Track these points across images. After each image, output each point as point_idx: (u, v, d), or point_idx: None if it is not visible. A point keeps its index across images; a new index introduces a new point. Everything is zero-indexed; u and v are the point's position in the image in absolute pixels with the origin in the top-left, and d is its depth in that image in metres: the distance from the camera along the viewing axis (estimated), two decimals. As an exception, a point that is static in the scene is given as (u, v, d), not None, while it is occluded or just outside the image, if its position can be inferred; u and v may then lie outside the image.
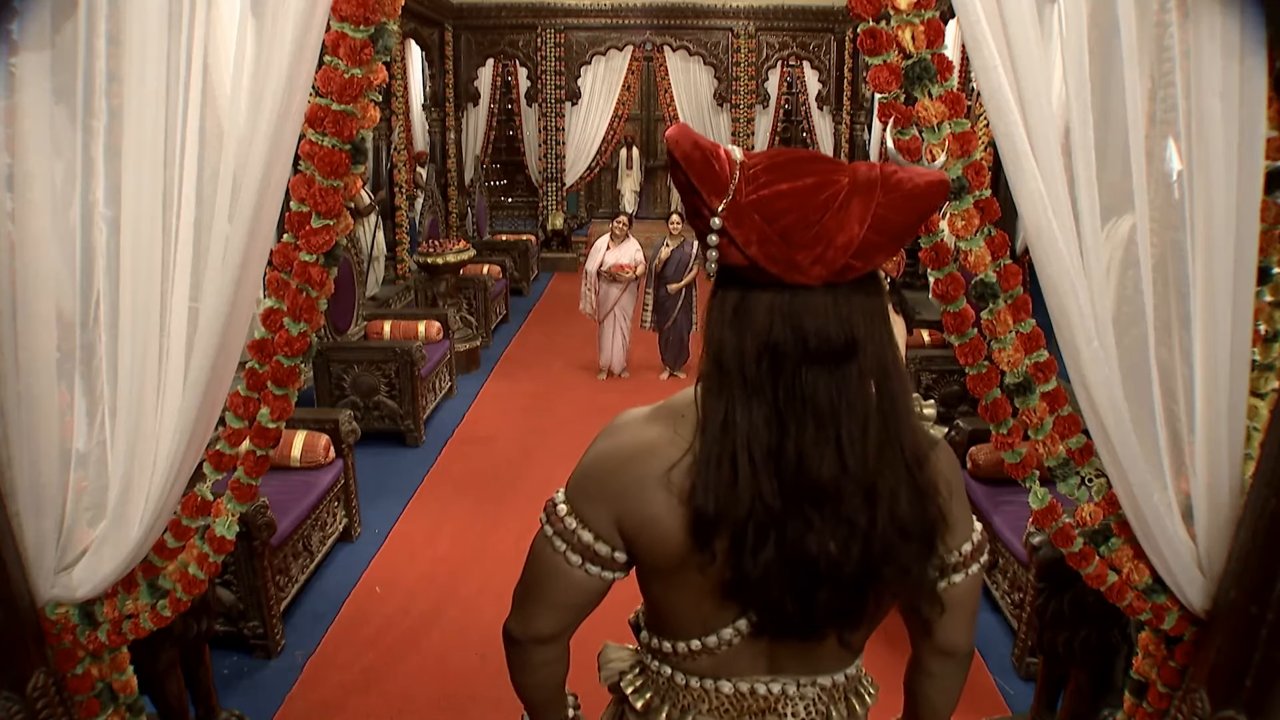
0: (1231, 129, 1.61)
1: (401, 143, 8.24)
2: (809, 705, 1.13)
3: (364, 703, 2.95)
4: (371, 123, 1.73)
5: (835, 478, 0.93)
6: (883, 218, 0.89)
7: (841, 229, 0.88)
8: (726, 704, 1.12)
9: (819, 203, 0.89)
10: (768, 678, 1.12)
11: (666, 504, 0.98)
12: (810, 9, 10.07)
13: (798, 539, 0.94)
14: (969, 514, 1.11)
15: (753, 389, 0.93)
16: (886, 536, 0.95)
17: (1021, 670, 3.12)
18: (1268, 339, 1.78)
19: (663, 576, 1.06)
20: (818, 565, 0.94)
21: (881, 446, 0.95)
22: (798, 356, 0.92)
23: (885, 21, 1.64)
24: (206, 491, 1.95)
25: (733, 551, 0.95)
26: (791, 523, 0.94)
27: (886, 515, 0.95)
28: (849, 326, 0.92)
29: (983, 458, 3.67)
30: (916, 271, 7.95)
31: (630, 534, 1.03)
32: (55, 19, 1.66)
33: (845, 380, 0.93)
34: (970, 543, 1.11)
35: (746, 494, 0.93)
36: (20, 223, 1.71)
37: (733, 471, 0.93)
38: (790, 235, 0.88)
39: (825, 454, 0.93)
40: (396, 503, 4.48)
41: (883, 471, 0.95)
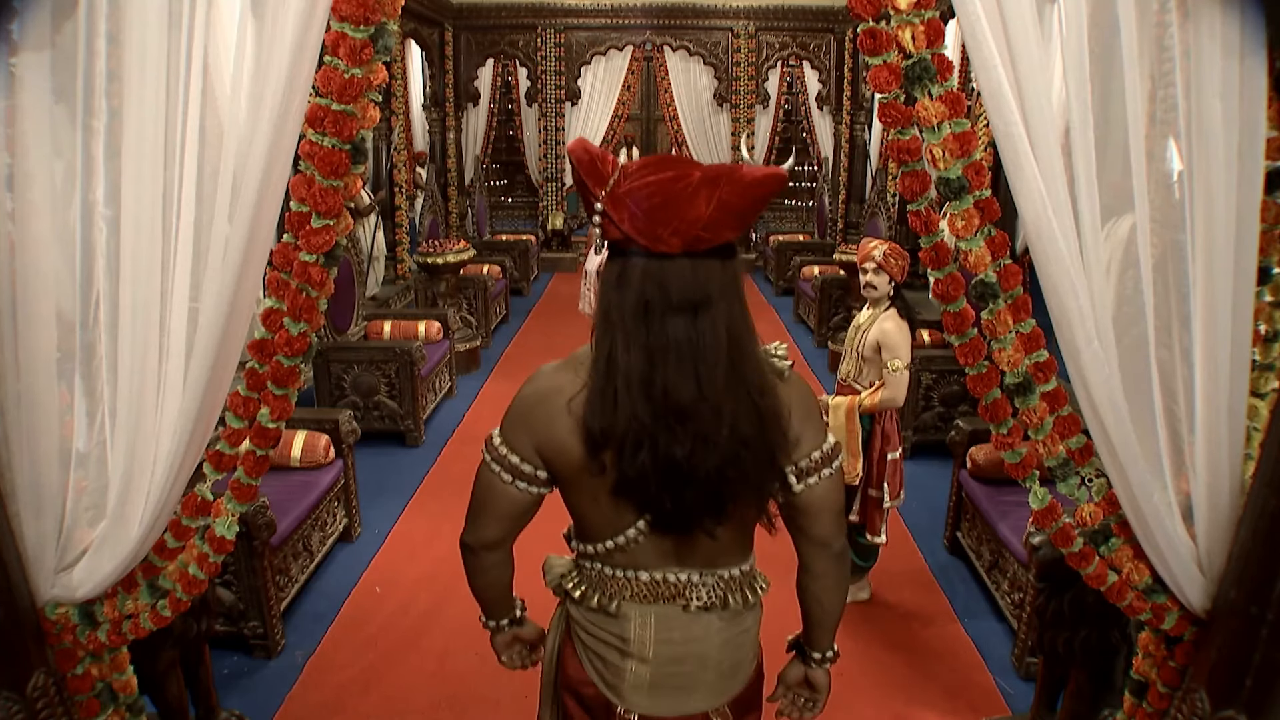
0: (1231, 129, 1.62)
1: (401, 143, 8.24)
2: (709, 590, 1.41)
3: (364, 703, 2.95)
4: (371, 123, 1.73)
5: (693, 401, 1.20)
6: (725, 201, 1.15)
7: (692, 208, 1.14)
8: (645, 590, 1.40)
9: (676, 190, 1.15)
10: (676, 569, 1.39)
11: (568, 427, 1.26)
12: (810, 9, 10.07)
13: (665, 447, 1.20)
14: (817, 430, 1.36)
15: (630, 335, 1.20)
16: (732, 446, 1.21)
17: (1021, 670, 3.12)
18: (1268, 339, 1.78)
19: (573, 486, 1.34)
20: (681, 468, 1.21)
21: (729, 378, 1.21)
22: (663, 308, 1.18)
23: (885, 21, 1.64)
24: (206, 491, 1.95)
25: (618, 459, 1.23)
26: (660, 436, 1.20)
27: (730, 430, 1.21)
28: (704, 285, 1.20)
29: (983, 458, 3.67)
30: (916, 271, 7.96)
31: (546, 454, 1.32)
32: (55, 19, 1.67)
33: (701, 327, 1.20)
34: (820, 451, 1.35)
35: (624, 415, 1.20)
36: (20, 223, 1.71)
37: (614, 398, 1.20)
38: (653, 214, 1.15)
39: (685, 383, 1.19)
40: (396, 503, 4.48)
41: (730, 397, 1.21)
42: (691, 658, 1.43)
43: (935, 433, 5.01)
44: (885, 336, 3.17)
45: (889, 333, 3.17)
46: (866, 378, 3.29)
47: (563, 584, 1.50)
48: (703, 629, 1.43)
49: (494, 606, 1.62)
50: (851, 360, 3.34)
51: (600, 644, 1.45)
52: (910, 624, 3.46)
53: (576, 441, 1.26)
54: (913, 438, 5.08)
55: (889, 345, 3.16)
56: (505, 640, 1.68)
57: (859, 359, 3.29)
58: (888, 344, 3.16)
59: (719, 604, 1.43)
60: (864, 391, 3.28)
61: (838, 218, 10.32)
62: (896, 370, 3.15)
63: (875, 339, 3.20)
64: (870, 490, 3.35)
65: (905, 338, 3.18)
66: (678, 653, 1.42)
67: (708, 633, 1.43)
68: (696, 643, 1.43)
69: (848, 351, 3.38)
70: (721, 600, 1.43)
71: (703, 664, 1.44)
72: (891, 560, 3.80)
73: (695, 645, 1.43)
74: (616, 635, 1.43)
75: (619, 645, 1.43)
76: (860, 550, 3.49)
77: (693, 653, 1.43)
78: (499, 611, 1.63)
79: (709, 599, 1.41)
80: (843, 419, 3.28)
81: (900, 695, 3.02)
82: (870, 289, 3.27)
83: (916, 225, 1.79)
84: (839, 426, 3.29)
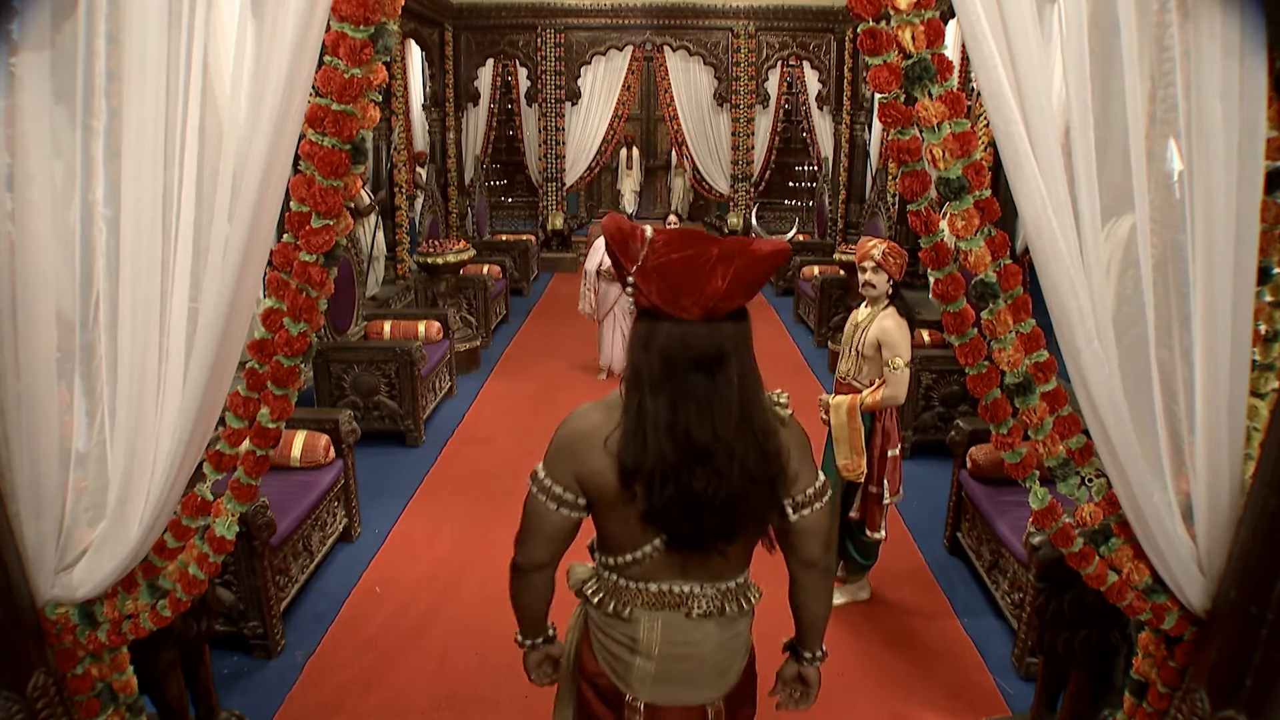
0: (1231, 129, 1.62)
1: (401, 143, 8.24)
2: (709, 601, 1.59)
3: (364, 703, 2.95)
4: (371, 123, 1.73)
5: (710, 442, 1.39)
6: (739, 275, 1.36)
7: (710, 283, 1.35)
8: (653, 599, 1.58)
9: (696, 266, 1.35)
10: (682, 581, 1.58)
11: (605, 462, 1.45)
12: (810, 9, 10.07)
13: (687, 482, 1.40)
14: (811, 469, 1.57)
15: (657, 386, 1.40)
16: (742, 481, 1.41)
17: (1021, 670, 3.12)
18: (1268, 339, 1.78)
19: (605, 510, 1.53)
20: (700, 499, 1.40)
21: (740, 423, 1.41)
22: (685, 365, 1.39)
23: (885, 21, 1.64)
24: (206, 491, 1.95)
25: (646, 491, 1.42)
26: (683, 471, 1.40)
27: (740, 467, 1.41)
28: (720, 345, 1.39)
29: (983, 458, 3.67)
30: (916, 271, 7.96)
31: (584, 484, 1.50)
32: (55, 19, 1.67)
33: (717, 380, 1.39)
34: (813, 488, 1.56)
35: (653, 453, 1.40)
36: (20, 223, 1.71)
37: (644, 439, 1.40)
38: (677, 287, 1.36)
39: (703, 427, 1.39)
40: (396, 503, 4.48)
41: (740, 439, 1.41)
42: (691, 657, 1.62)
43: (935, 433, 5.01)
44: (885, 334, 3.17)
45: (889, 330, 3.17)
46: (866, 375, 3.29)
47: (584, 590, 1.67)
48: (702, 634, 1.61)
49: (533, 626, 1.74)
50: (850, 358, 3.35)
51: (613, 643, 1.64)
52: (910, 624, 3.46)
53: (612, 474, 1.45)
54: (913, 437, 5.09)
55: (889, 343, 3.16)
56: (538, 658, 1.80)
57: (858, 357, 3.30)
58: (888, 342, 3.17)
59: (717, 612, 1.61)
60: (864, 389, 3.28)
61: (838, 218, 10.32)
62: (898, 368, 3.16)
63: (875, 337, 3.21)
64: (870, 487, 3.35)
65: (905, 335, 3.19)
66: (679, 653, 1.61)
67: (706, 636, 1.62)
68: (696, 645, 1.61)
69: (846, 349, 3.38)
70: (719, 609, 1.61)
71: (700, 663, 1.63)
72: (892, 560, 3.80)
73: (694, 647, 1.61)
74: (627, 636, 1.62)
75: (629, 644, 1.62)
76: (861, 548, 3.49)
77: (692, 653, 1.62)
78: (536, 631, 1.76)
79: (708, 608, 1.60)
80: (844, 417, 3.28)
81: (900, 694, 3.02)
82: (869, 287, 3.28)
83: (916, 225, 1.79)
84: (840, 425, 3.29)
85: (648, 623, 1.59)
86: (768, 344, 7.70)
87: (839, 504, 3.46)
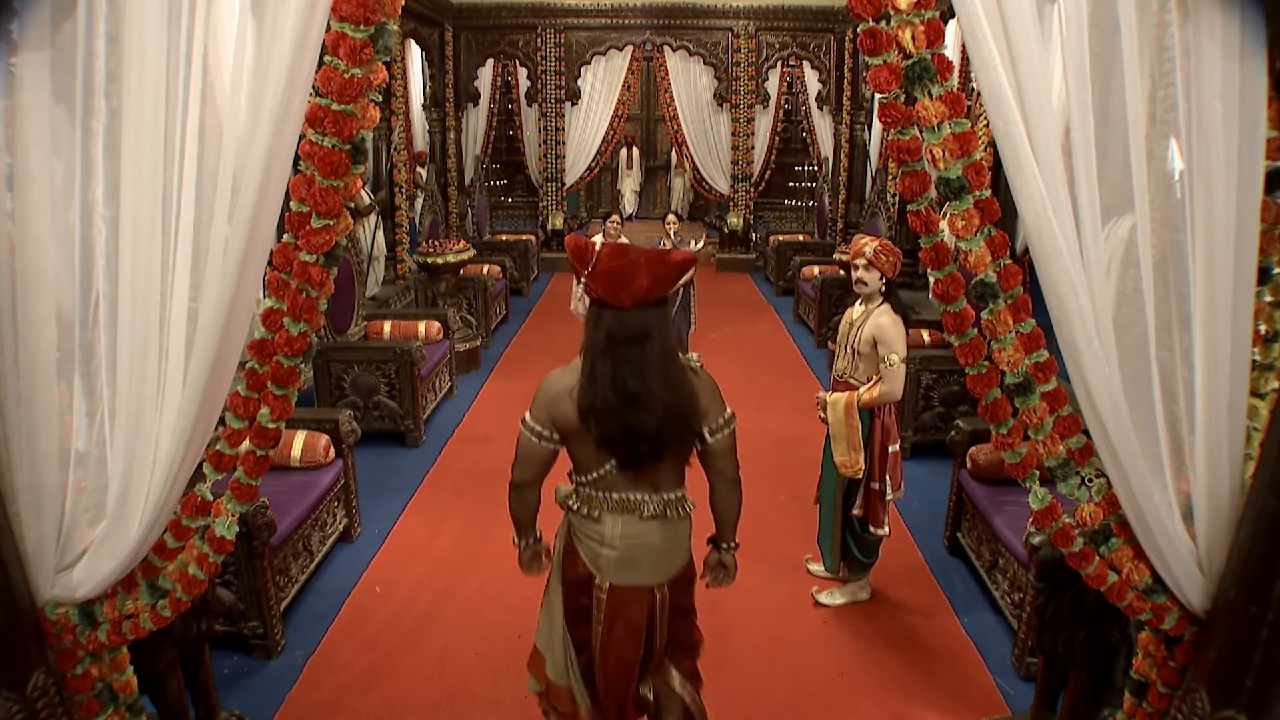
0: (1231, 129, 1.62)
1: (401, 143, 8.25)
2: (654, 506, 2.10)
3: (364, 703, 2.95)
4: (371, 123, 1.73)
5: (639, 391, 1.92)
6: (658, 277, 1.92)
7: (637, 281, 1.90)
8: (614, 504, 2.10)
9: (627, 271, 1.91)
10: (633, 491, 2.10)
11: (570, 408, 1.99)
12: (810, 9, 10.07)
13: (624, 419, 1.94)
14: (720, 406, 2.08)
15: (601, 353, 1.95)
16: (663, 417, 1.95)
17: (1021, 670, 3.12)
18: (1268, 339, 1.78)
19: (573, 441, 2.07)
20: (634, 430, 1.95)
21: (660, 377, 1.94)
22: (621, 338, 1.93)
23: (885, 21, 1.64)
24: (206, 491, 1.95)
25: (598, 426, 1.96)
26: (621, 412, 1.93)
27: (661, 407, 1.94)
28: (645, 325, 1.94)
29: (983, 458, 3.67)
30: (917, 271, 7.96)
31: (557, 424, 2.05)
32: (55, 19, 1.67)
33: (644, 348, 1.93)
34: (722, 418, 2.09)
35: (601, 399, 1.94)
36: (20, 223, 1.71)
37: (594, 391, 1.95)
38: (615, 285, 1.91)
39: (634, 381, 1.92)
40: (396, 503, 4.48)
41: (661, 388, 1.94)
42: (642, 548, 2.13)
43: (935, 433, 5.01)
44: (881, 331, 3.18)
45: (884, 327, 3.18)
46: (862, 373, 3.30)
47: (567, 501, 2.18)
48: (649, 530, 2.12)
49: (526, 528, 2.29)
50: (846, 356, 3.36)
51: (587, 538, 2.15)
52: (910, 623, 3.46)
53: (574, 414, 1.99)
54: (913, 438, 5.09)
55: (885, 340, 3.17)
56: (531, 553, 2.34)
57: (854, 355, 3.31)
58: (884, 339, 3.17)
59: (660, 515, 2.12)
60: (861, 386, 3.29)
61: (838, 218, 10.32)
62: (893, 364, 3.16)
63: (871, 334, 3.22)
64: (872, 484, 3.36)
65: (900, 332, 3.20)
66: (634, 544, 2.12)
67: (652, 532, 2.13)
68: (645, 538, 2.13)
69: (841, 348, 3.39)
70: (662, 513, 2.12)
71: (649, 552, 2.15)
72: (892, 559, 3.80)
73: (645, 539, 2.13)
74: (597, 532, 2.13)
75: (598, 539, 2.14)
76: (863, 546, 3.49)
77: (643, 544, 2.13)
78: (528, 533, 2.30)
79: (654, 511, 2.11)
80: (841, 414, 3.28)
81: (900, 694, 3.02)
82: (861, 285, 3.30)
83: (916, 225, 1.79)
84: (838, 422, 3.30)
85: (611, 522, 2.11)
86: (768, 344, 7.71)
87: (840, 502, 3.46)
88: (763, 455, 5.14)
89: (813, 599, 3.57)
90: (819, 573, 3.74)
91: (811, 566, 3.80)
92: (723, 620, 3.43)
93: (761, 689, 3.05)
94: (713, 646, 3.30)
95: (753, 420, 5.76)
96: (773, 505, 4.49)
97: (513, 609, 3.49)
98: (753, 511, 4.38)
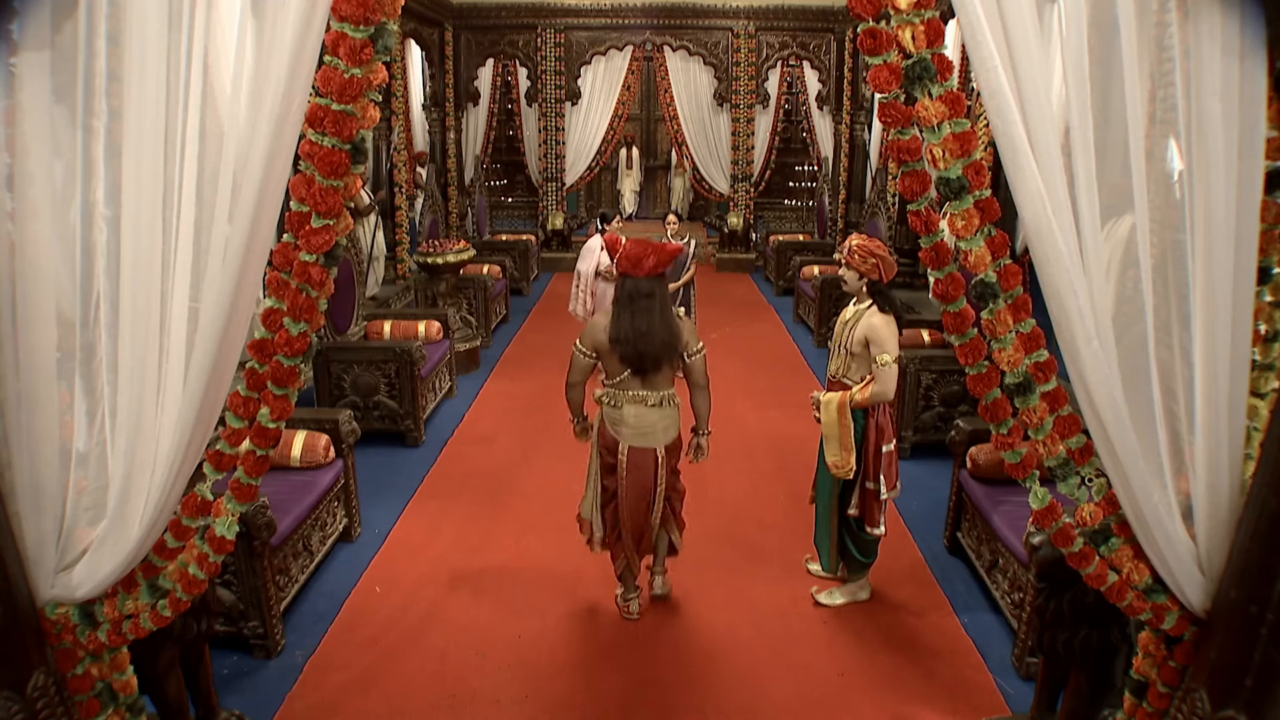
0: (1231, 129, 1.62)
1: (401, 143, 8.25)
2: (655, 398, 3.18)
3: (364, 702, 2.95)
4: (371, 123, 1.74)
5: (646, 328, 3.08)
6: (659, 260, 3.10)
7: (647, 262, 3.09)
8: (630, 398, 3.19)
9: (642, 256, 3.09)
10: (642, 389, 3.18)
11: (604, 337, 3.15)
12: (810, 9, 10.08)
13: (637, 344, 3.08)
14: (696, 340, 3.24)
15: (624, 305, 3.11)
16: (660, 344, 3.10)
17: (1021, 670, 3.12)
18: (1268, 339, 1.78)
19: (605, 357, 3.18)
20: (643, 351, 3.09)
21: (660, 321, 3.10)
22: (637, 295, 3.10)
23: (885, 21, 1.64)
24: (206, 491, 1.95)
25: (620, 348, 3.11)
26: (636, 340, 3.08)
27: (659, 339, 3.09)
28: (652, 288, 3.10)
29: (983, 458, 3.67)
30: (916, 271, 7.96)
31: (596, 347, 3.19)
32: (55, 19, 1.67)
33: (651, 301, 3.09)
34: (696, 347, 3.23)
35: (624, 333, 3.10)
36: (20, 223, 1.71)
37: (619, 327, 3.11)
38: (634, 263, 3.09)
39: (643, 322, 3.08)
40: (396, 503, 4.48)
41: (660, 327, 3.09)
42: (649, 425, 3.23)
43: (935, 433, 5.01)
44: (872, 331, 3.19)
45: (876, 328, 3.19)
46: (855, 373, 3.31)
47: (601, 398, 3.27)
48: (653, 414, 3.23)
49: (577, 412, 3.42)
50: (840, 356, 3.36)
51: (613, 421, 3.26)
52: (910, 623, 3.46)
53: (607, 342, 3.13)
54: (913, 437, 5.09)
55: (876, 340, 3.18)
56: (581, 428, 3.47)
57: (847, 355, 3.32)
58: (875, 339, 3.18)
59: (659, 405, 3.22)
60: (854, 386, 3.29)
61: (838, 218, 10.32)
62: (885, 364, 3.17)
63: (862, 334, 3.22)
64: (867, 483, 3.36)
65: (892, 332, 3.20)
66: (643, 422, 3.22)
67: (654, 415, 3.23)
68: (650, 418, 3.23)
69: (835, 348, 3.40)
70: (660, 403, 3.22)
71: (654, 428, 3.24)
72: (892, 560, 3.80)
73: (649, 419, 3.23)
74: (620, 416, 3.23)
75: (621, 420, 3.24)
76: (861, 546, 3.49)
77: (650, 423, 3.23)
78: (580, 414, 3.44)
79: (655, 402, 3.21)
80: (834, 414, 3.29)
81: (900, 694, 3.02)
82: (842, 282, 3.37)
83: (916, 225, 1.79)
84: (831, 422, 3.30)
85: (629, 409, 3.22)
86: (768, 344, 7.70)
87: (836, 501, 3.46)
88: (762, 455, 5.14)
89: (813, 599, 3.57)
90: (819, 573, 3.74)
91: (811, 567, 3.80)
92: (723, 620, 3.43)
93: (761, 689, 3.05)
94: (713, 646, 3.31)
95: (752, 420, 5.77)
96: (772, 505, 4.50)
97: (513, 609, 3.50)
98: (753, 511, 4.43)
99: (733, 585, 3.70)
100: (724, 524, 4.28)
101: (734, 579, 3.75)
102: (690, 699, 2.98)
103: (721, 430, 5.65)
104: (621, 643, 3.30)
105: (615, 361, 3.13)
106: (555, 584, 3.71)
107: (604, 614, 3.50)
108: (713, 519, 4.32)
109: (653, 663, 3.18)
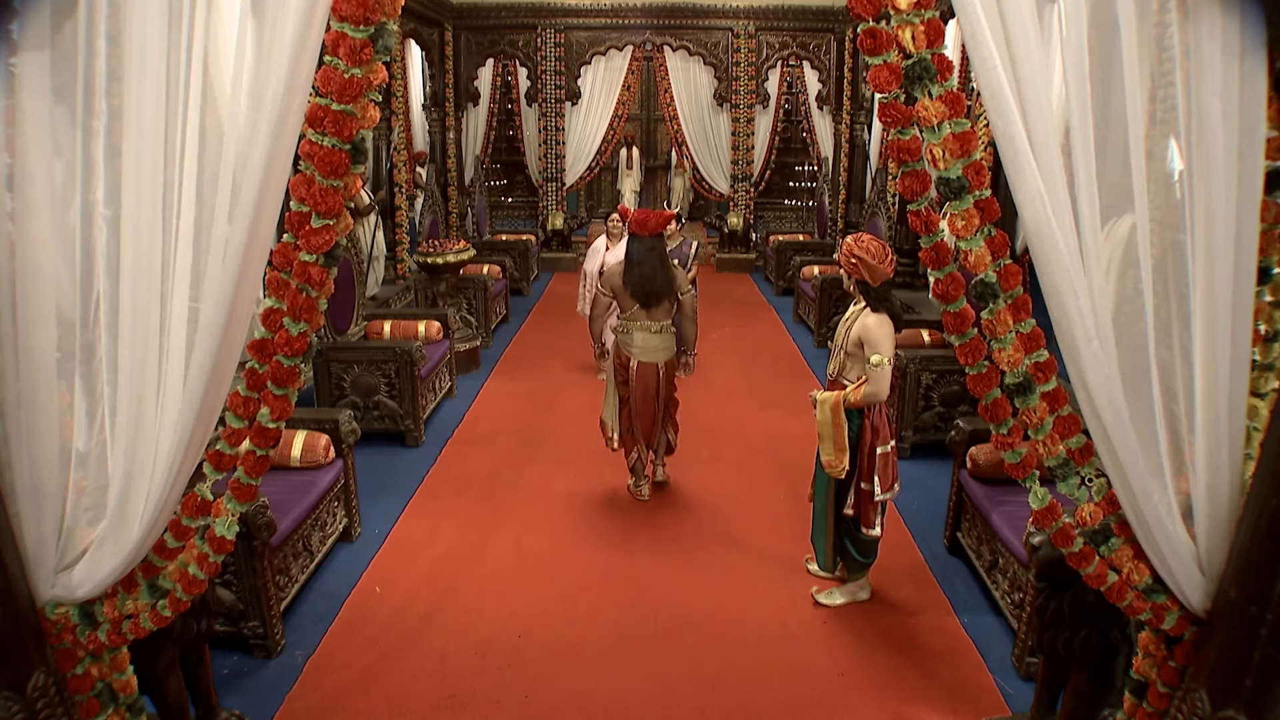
0: (1231, 129, 1.62)
1: (401, 143, 8.24)
2: (657, 327, 4.34)
3: (364, 702, 2.95)
4: (371, 123, 1.73)
5: (652, 272, 4.26)
6: (658, 223, 4.28)
7: (650, 223, 4.26)
8: (639, 326, 4.34)
9: (646, 221, 4.28)
10: (647, 320, 4.34)
11: (619, 281, 4.33)
12: (810, 9, 10.08)
13: (644, 286, 4.26)
14: (687, 282, 4.45)
15: (633, 258, 4.29)
16: (660, 284, 4.27)
17: (1021, 670, 3.12)
18: (1268, 339, 1.78)
19: (620, 296, 4.36)
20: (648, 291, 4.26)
21: (660, 269, 4.28)
22: (644, 249, 4.27)
23: (885, 21, 1.64)
24: (206, 491, 1.95)
25: (631, 288, 4.28)
26: (644, 282, 4.25)
27: (661, 282, 4.27)
28: (653, 245, 4.27)
29: (983, 458, 3.67)
30: (916, 271, 7.95)
31: (613, 288, 4.37)
32: (55, 19, 1.67)
33: (653, 254, 4.27)
34: (688, 285, 4.44)
35: (634, 277, 4.27)
36: (20, 223, 1.71)
37: (630, 272, 4.29)
38: (641, 225, 4.26)
39: (648, 268, 4.25)
40: (396, 503, 4.48)
41: (661, 272, 4.28)
42: (652, 346, 4.31)
43: (935, 433, 5.01)
44: (866, 332, 3.20)
45: (870, 328, 3.19)
46: (851, 373, 3.31)
47: (616, 328, 4.35)
48: (655, 338, 4.31)
49: (597, 339, 4.68)
50: (838, 356, 3.37)
51: (625, 344, 4.33)
52: (910, 624, 3.46)
53: (621, 284, 4.27)
54: (913, 437, 5.09)
55: (870, 340, 3.18)
56: (600, 351, 4.74)
57: (843, 354, 3.32)
58: (868, 339, 3.18)
59: (660, 332, 4.31)
60: (849, 386, 3.30)
61: (838, 218, 10.32)
62: (878, 364, 3.17)
63: (857, 335, 3.23)
64: (862, 484, 3.36)
65: (887, 333, 3.20)
66: (649, 344, 4.31)
67: (656, 338, 4.32)
68: (653, 341, 4.32)
69: (834, 348, 3.42)
70: (660, 331, 4.31)
71: (657, 348, 4.33)
72: (892, 560, 3.80)
73: (653, 342, 4.32)
74: (630, 340, 4.32)
75: (630, 343, 4.32)
76: (859, 546, 3.49)
77: (653, 344, 4.32)
78: (599, 341, 4.69)
79: (657, 330, 4.30)
80: (828, 413, 3.29)
81: (900, 694, 3.02)
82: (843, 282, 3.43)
83: (916, 225, 1.79)
84: (825, 421, 3.30)
85: (637, 335, 4.28)
86: (768, 344, 7.70)
87: (832, 501, 3.47)
88: (762, 455, 5.14)
89: (812, 599, 3.57)
90: (818, 573, 3.74)
91: (811, 567, 3.80)
92: (723, 620, 3.43)
93: (761, 689, 3.05)
94: (714, 646, 3.31)
95: (752, 420, 5.77)
96: (772, 505, 4.50)
97: (513, 609, 3.50)
98: (752, 511, 4.44)
99: (733, 585, 3.70)
100: (724, 524, 4.28)
101: (734, 579, 3.75)
102: (690, 699, 2.98)
103: (721, 430, 5.69)
104: (622, 642, 3.30)
105: (627, 298, 4.25)
106: (555, 584, 3.71)
107: (604, 614, 3.50)
108: (713, 519, 4.32)
109: (653, 663, 3.18)
